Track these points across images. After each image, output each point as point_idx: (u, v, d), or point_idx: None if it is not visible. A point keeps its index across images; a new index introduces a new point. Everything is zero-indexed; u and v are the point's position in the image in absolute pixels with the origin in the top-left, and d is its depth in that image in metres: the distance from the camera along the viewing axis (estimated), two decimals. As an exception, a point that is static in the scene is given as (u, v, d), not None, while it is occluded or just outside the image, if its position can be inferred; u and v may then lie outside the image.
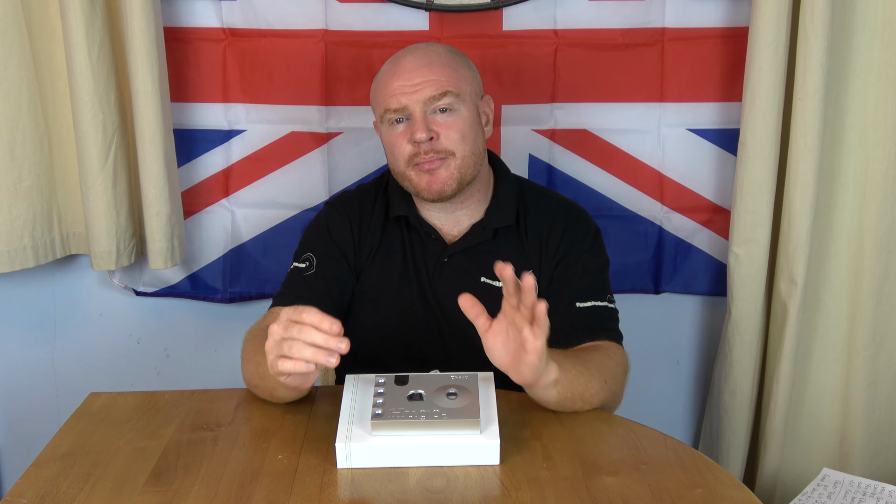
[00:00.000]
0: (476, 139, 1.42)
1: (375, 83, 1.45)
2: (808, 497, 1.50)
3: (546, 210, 1.49)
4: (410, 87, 1.38)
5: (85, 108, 1.74)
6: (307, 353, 1.07)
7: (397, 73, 1.40)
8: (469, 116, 1.41)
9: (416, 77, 1.38)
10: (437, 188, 1.39)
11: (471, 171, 1.41)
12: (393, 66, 1.42)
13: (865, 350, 1.85)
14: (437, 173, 1.39)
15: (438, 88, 1.37)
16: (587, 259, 1.46)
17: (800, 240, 1.75)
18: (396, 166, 1.43)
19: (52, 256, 1.88)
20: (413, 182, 1.41)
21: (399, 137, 1.40)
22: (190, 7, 1.84)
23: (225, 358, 2.05)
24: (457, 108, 1.39)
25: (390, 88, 1.39)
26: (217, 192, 1.94)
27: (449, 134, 1.38)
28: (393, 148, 1.42)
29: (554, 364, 1.17)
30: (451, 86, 1.39)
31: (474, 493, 1.08)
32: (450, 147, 1.38)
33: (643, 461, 1.15)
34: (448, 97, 1.38)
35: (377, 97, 1.44)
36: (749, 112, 1.72)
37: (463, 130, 1.39)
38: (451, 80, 1.39)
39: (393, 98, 1.39)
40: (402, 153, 1.40)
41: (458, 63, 1.43)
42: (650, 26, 1.83)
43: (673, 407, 2.11)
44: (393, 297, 1.47)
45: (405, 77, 1.39)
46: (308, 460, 1.15)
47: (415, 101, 1.38)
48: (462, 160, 1.40)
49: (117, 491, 1.09)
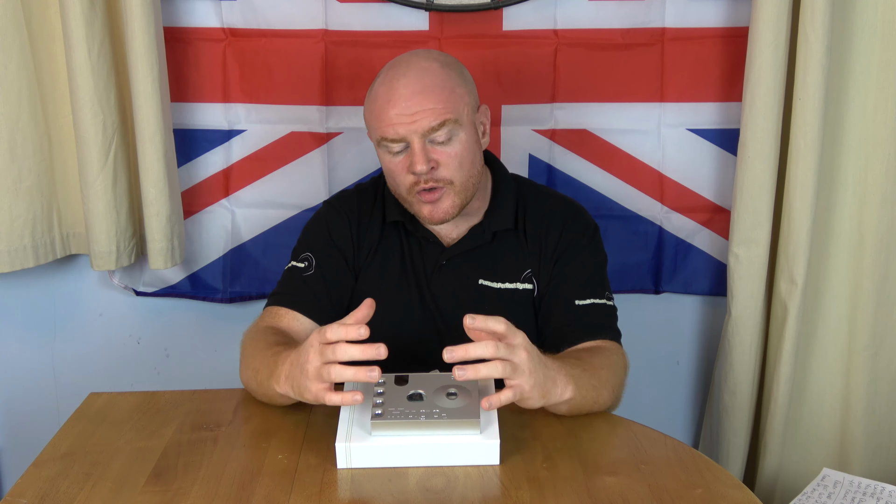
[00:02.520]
0: (474, 159, 1.40)
1: (369, 104, 1.40)
2: (808, 497, 1.50)
3: (544, 208, 1.49)
4: (408, 118, 1.33)
5: (85, 108, 1.74)
6: (348, 375, 1.09)
7: (392, 101, 1.34)
8: (467, 139, 1.38)
9: (413, 105, 1.33)
10: (440, 217, 1.39)
11: (470, 192, 1.41)
12: (388, 89, 1.36)
13: (865, 350, 1.85)
14: (438, 205, 1.38)
15: (436, 118, 1.33)
16: (585, 256, 1.46)
17: (800, 240, 1.75)
18: (398, 190, 1.42)
19: (52, 256, 1.88)
20: (414, 209, 1.41)
21: (398, 166, 1.38)
22: (190, 7, 1.84)
23: (225, 358, 2.04)
24: (455, 135, 1.36)
25: (387, 117, 1.35)
26: (217, 192, 1.94)
27: (448, 163, 1.36)
28: (392, 174, 1.40)
29: (570, 385, 1.19)
30: (449, 112, 1.34)
31: (474, 493, 1.08)
32: (448, 176, 1.37)
33: (643, 461, 1.15)
34: (446, 126, 1.34)
35: (372, 122, 1.40)
36: (749, 112, 1.72)
37: (461, 157, 1.37)
38: (448, 105, 1.34)
39: (390, 128, 1.35)
40: (403, 182, 1.39)
41: (454, 81, 1.37)
42: (650, 26, 1.83)
43: (673, 407, 2.11)
44: (391, 298, 1.47)
45: (401, 105, 1.33)
46: (308, 460, 1.15)
47: (412, 132, 1.34)
48: (461, 186, 1.38)
49: (117, 491, 1.09)
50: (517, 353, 1.11)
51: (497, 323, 1.11)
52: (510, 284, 1.46)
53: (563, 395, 1.18)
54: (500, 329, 1.11)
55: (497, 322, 1.11)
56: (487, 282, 1.46)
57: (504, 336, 1.11)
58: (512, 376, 1.11)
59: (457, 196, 1.39)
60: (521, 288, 1.45)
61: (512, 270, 1.46)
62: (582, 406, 1.23)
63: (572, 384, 1.19)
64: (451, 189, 1.38)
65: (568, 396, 1.19)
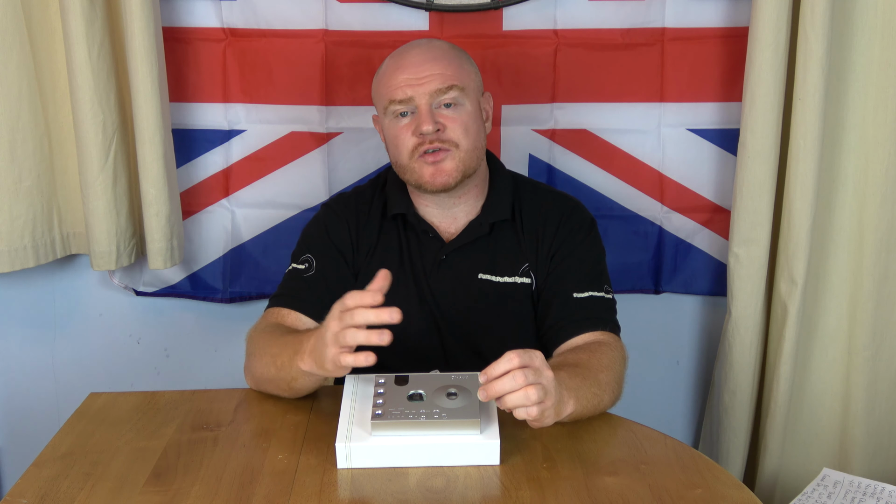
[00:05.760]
0: (478, 133, 1.43)
1: (378, 76, 1.46)
2: (808, 497, 1.50)
3: (541, 203, 1.50)
4: (416, 80, 1.39)
5: (85, 108, 1.74)
6: (360, 337, 1.10)
7: (403, 66, 1.41)
8: (472, 111, 1.42)
9: (423, 70, 1.39)
10: (442, 180, 1.40)
11: (473, 164, 1.42)
12: (398, 59, 1.43)
13: (865, 350, 1.85)
14: (441, 165, 1.39)
15: (444, 81, 1.39)
16: (583, 250, 1.46)
17: (800, 240, 1.75)
18: (399, 158, 1.43)
19: (53, 256, 1.88)
20: (416, 173, 1.41)
21: (403, 130, 1.41)
22: (190, 7, 1.84)
23: (225, 358, 2.05)
24: (461, 103, 1.41)
25: (396, 80, 1.40)
26: (217, 192, 1.94)
27: (454, 127, 1.40)
28: (396, 140, 1.42)
29: (571, 400, 1.18)
30: (457, 79, 1.40)
31: (474, 493, 1.08)
32: (455, 139, 1.39)
33: (643, 461, 1.15)
34: (454, 91, 1.39)
35: (381, 89, 1.44)
36: (749, 112, 1.72)
37: (467, 124, 1.40)
38: (456, 74, 1.40)
39: (399, 90, 1.39)
40: (407, 145, 1.40)
41: (462, 59, 1.44)
42: (650, 26, 1.83)
43: (673, 407, 2.11)
44: (391, 296, 1.46)
45: (411, 70, 1.40)
46: (308, 460, 1.15)
47: (421, 94, 1.38)
48: (465, 153, 1.40)
49: (117, 491, 1.09)
50: (544, 373, 1.10)
51: (508, 362, 1.08)
52: (509, 279, 1.46)
53: (566, 409, 1.18)
54: (515, 363, 1.08)
55: (508, 361, 1.08)
56: (487, 276, 1.46)
57: (525, 365, 1.09)
58: (543, 398, 1.10)
59: (461, 161, 1.40)
60: (520, 282, 1.46)
61: (510, 264, 1.46)
62: (583, 415, 1.23)
63: (573, 398, 1.19)
64: (456, 152, 1.40)
65: (570, 411, 1.19)
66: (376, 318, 1.09)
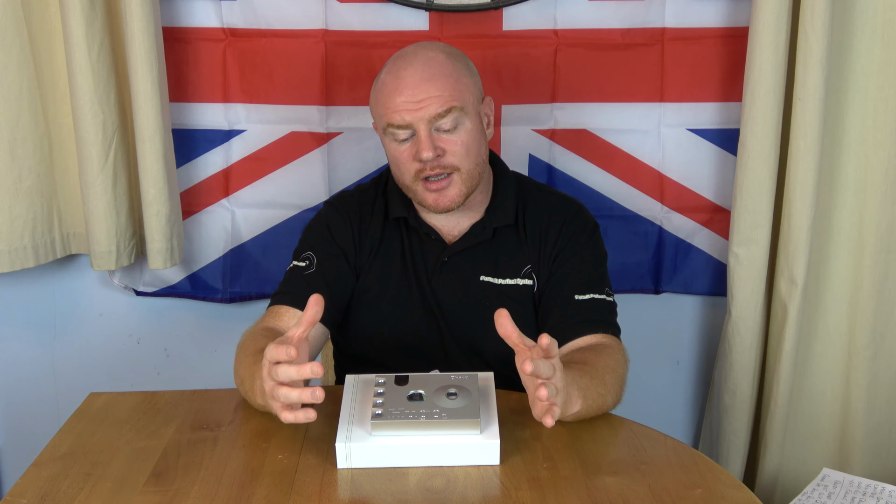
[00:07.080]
0: (479, 149, 1.42)
1: (376, 93, 1.42)
2: (808, 497, 1.50)
3: (544, 205, 1.49)
4: (414, 105, 1.35)
5: (85, 108, 1.74)
6: (293, 396, 1.08)
7: (399, 88, 1.36)
8: (473, 127, 1.39)
9: (420, 93, 1.35)
10: (445, 205, 1.40)
11: (476, 181, 1.42)
12: (394, 78, 1.38)
13: (865, 350, 1.85)
14: (444, 193, 1.39)
15: (443, 105, 1.35)
16: (585, 252, 1.46)
17: (800, 240, 1.75)
18: (402, 178, 1.42)
19: (53, 256, 1.88)
20: (420, 196, 1.41)
21: (404, 154, 1.39)
22: (190, 7, 1.84)
23: (225, 358, 2.03)
24: (461, 122, 1.38)
25: (393, 103, 1.36)
26: (217, 192, 1.94)
27: (455, 150, 1.37)
28: (397, 161, 1.41)
29: (580, 400, 1.19)
30: (455, 100, 1.36)
31: (474, 493, 1.08)
32: (455, 163, 1.38)
33: (643, 461, 1.15)
34: (452, 113, 1.36)
35: (378, 109, 1.41)
36: (749, 112, 1.72)
37: (468, 144, 1.38)
38: (454, 93, 1.36)
39: (396, 114, 1.36)
40: (408, 170, 1.39)
41: (459, 71, 1.39)
42: (650, 26, 1.83)
43: (673, 407, 2.11)
44: (393, 296, 1.47)
45: (408, 93, 1.35)
46: (308, 460, 1.15)
47: (419, 119, 1.35)
48: (467, 173, 1.39)
49: (117, 491, 1.09)
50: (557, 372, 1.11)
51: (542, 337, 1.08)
52: (511, 280, 1.46)
53: (573, 408, 1.19)
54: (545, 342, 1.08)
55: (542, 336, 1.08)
56: (489, 278, 1.46)
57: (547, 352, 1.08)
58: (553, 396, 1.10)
59: (463, 184, 1.39)
60: (522, 284, 1.46)
61: (512, 266, 1.46)
62: (587, 415, 1.23)
63: (581, 397, 1.19)
64: (458, 176, 1.39)
65: (576, 409, 1.19)
66: (298, 375, 1.07)
